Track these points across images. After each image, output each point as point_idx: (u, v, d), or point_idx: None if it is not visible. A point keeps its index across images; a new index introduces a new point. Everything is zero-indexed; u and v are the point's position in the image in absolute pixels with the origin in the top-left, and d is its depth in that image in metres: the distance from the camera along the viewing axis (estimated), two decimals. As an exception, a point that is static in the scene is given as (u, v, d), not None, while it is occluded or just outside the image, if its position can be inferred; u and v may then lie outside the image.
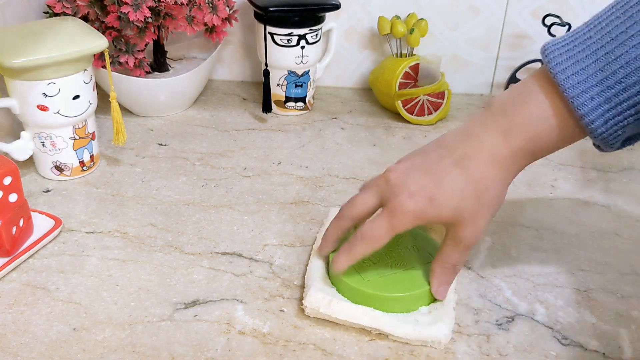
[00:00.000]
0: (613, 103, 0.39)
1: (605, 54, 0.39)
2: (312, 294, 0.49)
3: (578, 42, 0.41)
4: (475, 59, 0.90)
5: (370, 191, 0.47)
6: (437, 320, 0.47)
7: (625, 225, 0.62)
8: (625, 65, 0.38)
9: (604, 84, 0.39)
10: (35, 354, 0.45)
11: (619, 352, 0.47)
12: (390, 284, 0.49)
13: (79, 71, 0.63)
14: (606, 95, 0.39)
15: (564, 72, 0.40)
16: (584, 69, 0.39)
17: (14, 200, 0.54)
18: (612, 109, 0.39)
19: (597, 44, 0.40)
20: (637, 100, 0.39)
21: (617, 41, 0.39)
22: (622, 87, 0.39)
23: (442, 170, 0.43)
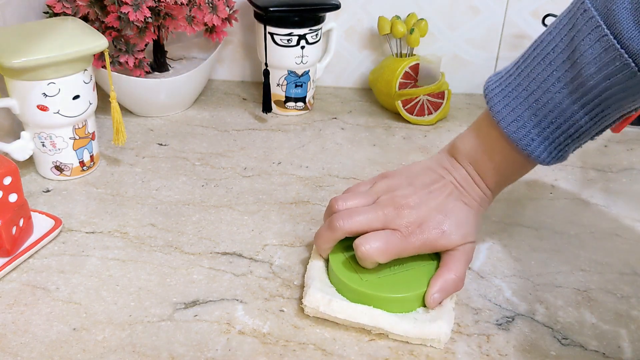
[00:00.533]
0: (551, 139, 0.48)
1: (535, 101, 0.47)
2: (311, 293, 0.49)
3: (511, 88, 0.49)
4: (475, 59, 0.90)
5: (376, 215, 0.50)
6: (436, 318, 0.47)
7: (625, 225, 0.62)
8: (553, 109, 0.46)
9: (539, 126, 0.47)
10: (35, 354, 0.45)
11: (619, 352, 0.47)
12: (389, 285, 0.49)
13: (79, 71, 0.63)
14: (544, 135, 0.47)
15: (505, 120, 0.48)
16: (520, 116, 0.48)
17: (14, 200, 0.54)
18: (552, 144, 0.48)
19: (526, 91, 0.47)
20: (570, 133, 0.47)
21: (542, 88, 0.46)
22: (555, 127, 0.47)
23: (450, 205, 0.50)
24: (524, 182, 0.69)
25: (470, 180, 0.51)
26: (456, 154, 0.53)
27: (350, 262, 0.51)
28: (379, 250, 0.48)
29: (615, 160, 0.74)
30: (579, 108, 0.45)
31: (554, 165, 0.72)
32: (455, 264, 0.49)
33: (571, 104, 0.45)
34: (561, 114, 0.46)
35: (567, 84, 0.45)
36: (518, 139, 0.48)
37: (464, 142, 0.52)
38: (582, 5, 0.44)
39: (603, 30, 0.42)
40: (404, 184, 0.52)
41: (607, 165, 0.73)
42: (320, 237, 0.52)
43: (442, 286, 0.48)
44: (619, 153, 0.76)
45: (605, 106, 0.45)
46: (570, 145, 0.48)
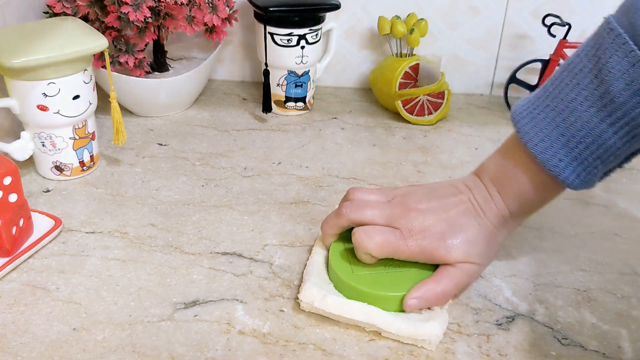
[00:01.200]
0: (579, 160, 0.46)
1: (563, 120, 0.46)
2: (307, 288, 0.49)
3: (538, 110, 0.48)
4: (475, 59, 0.90)
5: (383, 212, 0.50)
6: (429, 319, 0.47)
7: (625, 225, 0.62)
8: (580, 128, 0.45)
9: (567, 146, 0.46)
10: (35, 354, 0.45)
11: (619, 352, 0.47)
12: (384, 283, 0.49)
13: (79, 71, 0.63)
14: (572, 155, 0.46)
15: (532, 140, 0.47)
16: (548, 136, 0.47)
17: (14, 200, 0.54)
18: (580, 165, 0.47)
19: (554, 111, 0.47)
20: (599, 154, 0.46)
21: (570, 108, 0.46)
22: (583, 147, 0.46)
23: (460, 220, 0.49)
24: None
25: (490, 200, 0.50)
26: (481, 173, 0.52)
27: (348, 258, 0.51)
28: (373, 242, 0.48)
29: (615, 160, 0.74)
30: (608, 126, 0.45)
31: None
32: (446, 279, 0.48)
33: (599, 122, 0.45)
34: (590, 132, 0.45)
35: (595, 101, 0.44)
36: (546, 159, 0.47)
37: (490, 163, 0.52)
38: (608, 25, 0.44)
39: (630, 46, 0.42)
40: (421, 193, 0.52)
41: (607, 165, 0.73)
42: (327, 221, 0.53)
43: (424, 295, 0.48)
44: (619, 153, 0.76)
45: (636, 125, 0.44)
46: (600, 168, 0.47)
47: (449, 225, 0.49)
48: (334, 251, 0.52)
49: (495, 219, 0.50)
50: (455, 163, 0.74)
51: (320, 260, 0.53)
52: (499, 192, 0.50)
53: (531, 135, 0.47)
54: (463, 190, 0.51)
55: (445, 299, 0.48)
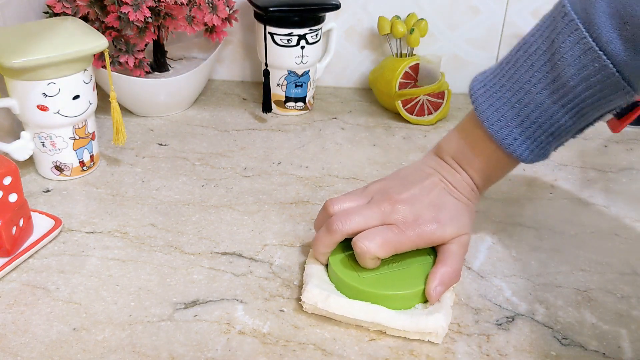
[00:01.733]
0: (533, 138, 0.49)
1: (517, 101, 0.49)
2: (309, 289, 0.49)
3: (495, 89, 0.50)
4: (475, 59, 0.90)
5: (372, 213, 0.50)
6: (434, 313, 0.47)
7: (625, 225, 0.62)
8: (534, 109, 0.48)
9: (522, 126, 0.49)
10: (35, 354, 0.45)
11: (619, 352, 0.47)
12: (388, 282, 0.49)
13: (79, 71, 0.63)
14: (526, 134, 0.49)
15: (489, 120, 0.50)
16: (504, 115, 0.49)
17: (14, 200, 0.54)
18: (534, 142, 0.49)
19: (510, 92, 0.49)
20: (552, 131, 0.49)
21: (524, 89, 0.48)
22: (536, 126, 0.49)
23: (442, 199, 0.51)
24: (524, 182, 0.69)
25: (457, 176, 0.53)
26: (441, 153, 0.54)
27: (349, 261, 0.51)
28: (377, 245, 0.48)
29: (615, 160, 0.74)
30: (560, 108, 0.47)
31: (554, 165, 0.73)
32: (451, 258, 0.50)
33: (552, 104, 0.47)
34: (543, 113, 0.48)
35: (548, 85, 0.47)
36: (501, 138, 0.49)
37: (449, 142, 0.54)
38: (563, 9, 0.46)
39: (582, 33, 0.44)
40: (396, 184, 0.52)
41: (607, 165, 0.73)
42: (320, 242, 0.51)
43: (442, 279, 0.49)
44: (618, 153, 0.76)
45: (585, 106, 0.47)
46: (552, 144, 0.50)
47: (435, 207, 0.51)
48: (334, 260, 0.51)
49: (467, 193, 0.53)
50: (455, 163, 0.73)
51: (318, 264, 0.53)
52: (463, 168, 0.53)
53: (488, 115, 0.50)
54: (431, 172, 0.53)
55: (458, 275, 0.50)
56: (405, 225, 0.49)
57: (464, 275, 0.54)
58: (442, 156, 0.54)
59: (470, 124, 0.52)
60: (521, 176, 0.70)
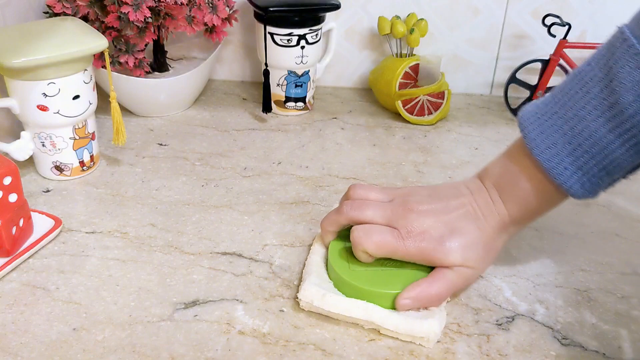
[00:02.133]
0: (584, 170, 0.46)
1: (570, 129, 0.46)
2: (306, 287, 0.49)
3: (546, 117, 0.47)
4: (475, 59, 0.90)
5: (383, 212, 0.50)
6: (428, 317, 0.47)
7: (625, 225, 0.62)
8: (588, 137, 0.45)
9: (573, 155, 0.46)
10: (35, 354, 0.45)
11: (619, 352, 0.47)
12: (373, 279, 0.49)
13: (79, 71, 0.63)
14: (577, 164, 0.46)
15: (538, 147, 0.47)
16: (554, 143, 0.46)
17: (14, 200, 0.54)
18: (585, 174, 0.46)
19: (562, 119, 0.46)
20: (604, 164, 0.45)
21: (578, 117, 0.45)
22: (589, 156, 0.45)
23: (460, 223, 0.49)
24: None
25: (491, 205, 0.50)
26: (484, 177, 0.51)
27: (346, 255, 0.51)
28: (371, 241, 0.48)
29: (615, 160, 0.74)
30: (615, 137, 0.44)
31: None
32: (441, 282, 0.48)
33: (607, 133, 0.44)
34: (596, 142, 0.45)
35: (604, 111, 0.44)
36: (551, 167, 0.46)
37: (494, 167, 0.51)
38: (622, 35, 0.44)
39: None
40: (423, 194, 0.51)
41: (607, 165, 0.73)
42: (327, 218, 0.53)
43: (417, 295, 0.47)
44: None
45: None
46: (605, 179, 0.46)
47: (448, 228, 0.49)
48: (333, 248, 0.52)
49: (495, 224, 0.49)
50: (455, 163, 0.74)
51: (318, 259, 0.53)
52: (500, 196, 0.50)
53: (538, 142, 0.47)
54: (465, 193, 0.51)
55: (438, 301, 0.48)
56: (409, 234, 0.48)
57: (464, 275, 0.54)
58: (483, 180, 0.51)
59: (518, 151, 0.50)
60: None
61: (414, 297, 0.47)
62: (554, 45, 0.82)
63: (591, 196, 0.47)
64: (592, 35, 0.87)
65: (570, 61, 0.81)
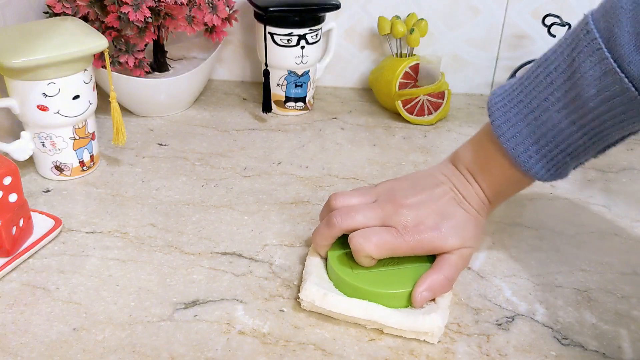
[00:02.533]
0: (549, 157, 0.48)
1: (535, 119, 0.47)
2: (307, 287, 0.49)
3: (512, 104, 0.49)
4: (475, 59, 0.90)
5: (374, 213, 0.50)
6: (430, 312, 0.47)
7: (625, 225, 0.62)
8: (551, 128, 0.47)
9: (538, 144, 0.47)
10: (35, 354, 0.45)
11: (619, 352, 0.47)
12: (384, 280, 0.49)
13: (79, 71, 0.63)
14: (542, 153, 0.48)
15: (504, 135, 0.48)
16: (519, 132, 0.48)
17: (14, 200, 0.54)
18: (550, 161, 0.48)
19: (527, 108, 0.48)
20: (569, 152, 0.47)
21: (542, 107, 0.47)
22: (553, 145, 0.47)
23: (449, 209, 0.50)
24: (524, 182, 0.69)
25: (469, 188, 0.51)
26: (457, 162, 0.53)
27: (347, 258, 0.51)
28: (372, 245, 0.48)
29: (615, 160, 0.74)
30: (578, 129, 0.46)
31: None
32: (447, 266, 0.49)
33: (570, 125, 0.46)
34: (559, 133, 0.46)
35: (567, 104, 0.45)
36: (516, 154, 0.48)
37: (465, 152, 0.53)
38: (586, 26, 0.44)
39: (604, 53, 0.42)
40: (405, 187, 0.52)
41: (607, 165, 0.73)
42: (318, 234, 0.52)
43: (430, 285, 0.48)
44: (618, 153, 0.76)
45: (604, 128, 0.45)
46: (570, 164, 0.48)
47: (440, 216, 0.50)
48: (332, 256, 0.52)
49: (476, 205, 0.51)
50: (455, 163, 0.73)
51: (318, 259, 0.53)
52: (475, 180, 0.51)
53: (504, 130, 0.48)
54: (443, 180, 0.52)
55: (449, 285, 0.49)
56: (405, 229, 0.49)
57: (463, 275, 0.54)
58: (457, 165, 0.53)
59: (486, 137, 0.51)
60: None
61: (428, 288, 0.48)
62: (554, 45, 0.82)
63: (559, 178, 0.49)
64: (592, 35, 0.86)
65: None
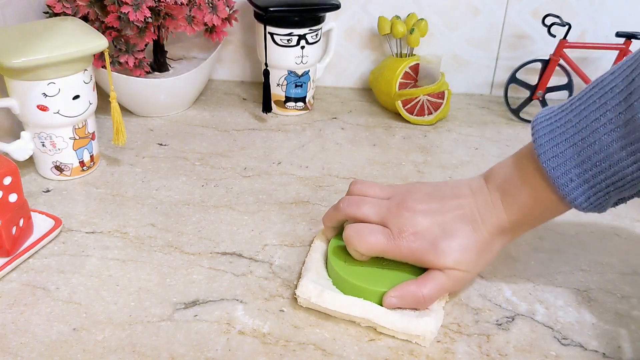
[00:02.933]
0: (591, 183, 0.44)
1: (581, 140, 0.43)
2: (303, 284, 0.49)
3: (559, 123, 0.45)
4: (475, 59, 0.90)
5: (379, 209, 0.50)
6: (424, 315, 0.47)
7: (625, 225, 0.62)
8: (598, 151, 0.43)
9: (581, 167, 0.43)
10: (35, 354, 0.45)
11: (619, 352, 0.47)
12: (374, 278, 0.49)
13: (79, 71, 0.63)
14: (584, 177, 0.44)
15: (546, 155, 0.45)
16: (562, 152, 0.44)
17: (14, 200, 0.54)
18: (591, 188, 0.44)
19: (575, 128, 0.44)
20: (613, 180, 0.43)
21: (591, 127, 0.43)
22: (598, 170, 0.43)
23: (455, 225, 0.48)
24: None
25: (491, 208, 0.48)
26: (489, 179, 0.50)
27: (344, 253, 0.52)
28: (362, 240, 0.48)
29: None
30: (628, 155, 0.41)
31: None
32: (430, 283, 0.47)
33: (619, 149, 0.42)
34: (607, 158, 0.42)
35: (619, 126, 0.41)
36: (556, 176, 0.44)
37: (500, 170, 0.49)
38: None
39: None
40: (423, 191, 0.50)
41: (607, 165, 0.73)
42: (326, 214, 0.54)
43: (402, 294, 0.47)
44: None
45: None
46: (613, 195, 0.44)
47: (442, 230, 0.48)
48: (332, 245, 0.53)
49: (492, 228, 0.48)
50: (455, 163, 0.73)
51: (318, 256, 0.53)
52: (502, 200, 0.48)
53: (546, 149, 0.45)
54: (466, 193, 0.49)
55: (425, 303, 0.48)
56: (400, 234, 0.48)
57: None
58: (488, 182, 0.49)
59: (526, 156, 0.48)
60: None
61: (399, 295, 0.47)
62: (554, 45, 0.82)
63: (597, 210, 0.45)
64: (592, 35, 0.87)
65: (570, 61, 0.81)
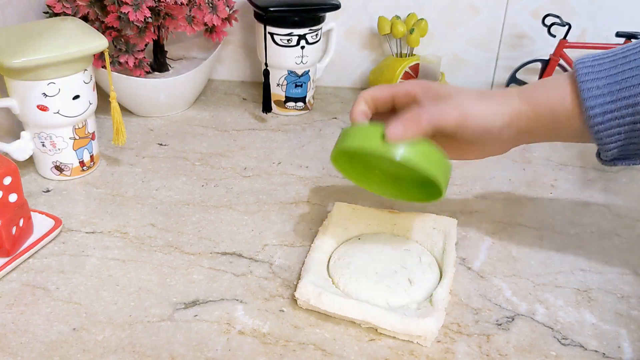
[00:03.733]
0: (614, 97, 0.45)
1: (624, 80, 0.45)
2: (302, 285, 0.49)
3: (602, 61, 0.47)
4: (475, 59, 0.90)
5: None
6: (425, 316, 0.47)
7: (625, 225, 0.62)
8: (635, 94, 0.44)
9: (612, 79, 0.45)
10: (35, 354, 0.45)
11: (619, 352, 0.47)
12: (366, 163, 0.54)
13: (79, 71, 0.63)
14: (609, 89, 0.45)
15: (585, 76, 0.46)
16: (600, 71, 0.46)
17: (14, 200, 0.54)
18: (612, 102, 0.45)
19: (618, 68, 0.46)
20: (634, 102, 0.44)
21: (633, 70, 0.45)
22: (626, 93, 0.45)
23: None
24: (524, 182, 0.69)
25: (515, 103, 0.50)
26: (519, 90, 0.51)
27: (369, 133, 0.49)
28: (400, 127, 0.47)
29: (615, 160, 0.74)
30: None
31: (554, 165, 0.72)
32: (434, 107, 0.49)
33: None
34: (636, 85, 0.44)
35: None
36: (584, 80, 0.46)
37: (532, 84, 0.51)
38: None
39: None
40: None
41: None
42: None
43: (403, 117, 0.47)
44: (619, 153, 0.76)
45: None
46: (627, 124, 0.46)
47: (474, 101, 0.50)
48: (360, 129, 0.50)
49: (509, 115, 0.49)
50: (455, 163, 0.73)
51: (318, 256, 0.53)
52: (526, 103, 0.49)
53: (585, 72, 0.46)
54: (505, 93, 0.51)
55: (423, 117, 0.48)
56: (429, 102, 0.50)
57: (463, 275, 0.54)
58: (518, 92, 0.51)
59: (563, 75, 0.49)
60: (521, 176, 0.70)
61: (400, 119, 0.47)
62: (554, 45, 0.82)
63: (604, 141, 0.47)
64: (592, 35, 0.87)
65: (570, 61, 0.81)
